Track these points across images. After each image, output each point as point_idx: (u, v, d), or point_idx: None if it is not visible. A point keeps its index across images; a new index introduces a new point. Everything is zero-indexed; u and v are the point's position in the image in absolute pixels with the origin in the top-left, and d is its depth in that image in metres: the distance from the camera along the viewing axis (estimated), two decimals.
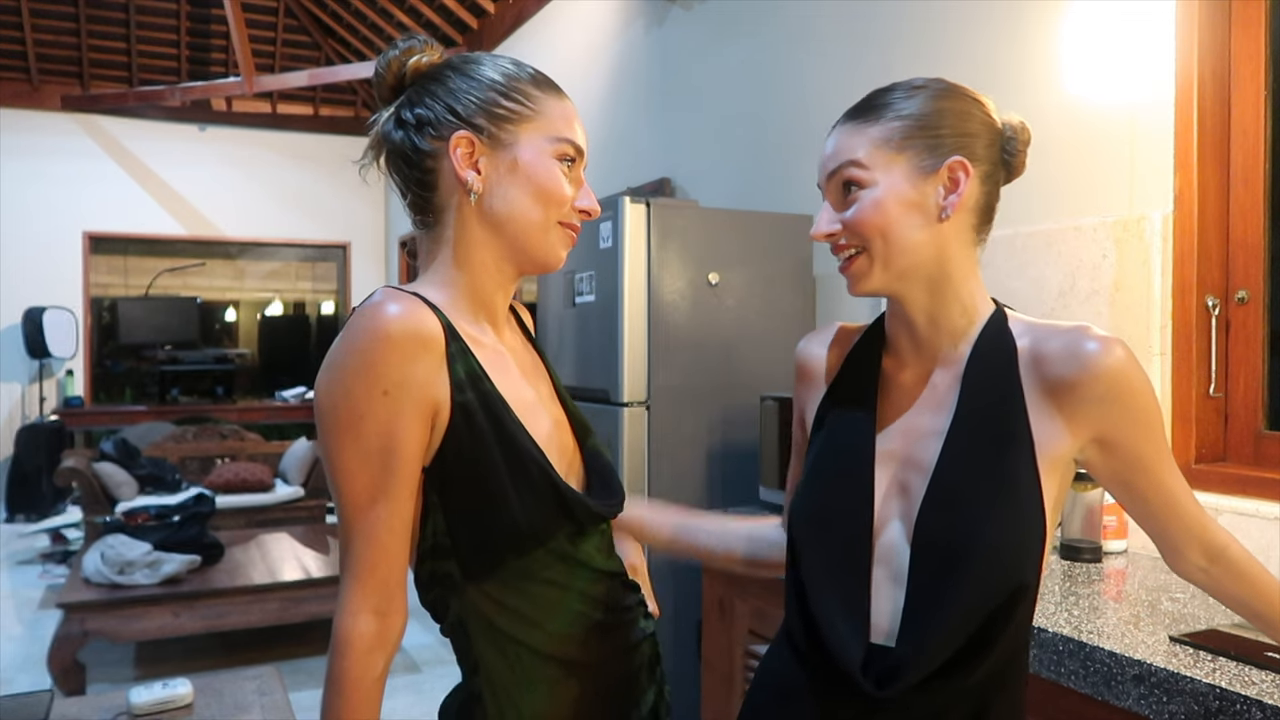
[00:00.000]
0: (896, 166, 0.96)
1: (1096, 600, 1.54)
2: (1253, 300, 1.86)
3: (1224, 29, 1.88)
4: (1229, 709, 1.13)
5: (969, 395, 0.97)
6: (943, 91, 0.99)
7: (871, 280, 0.99)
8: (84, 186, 7.54)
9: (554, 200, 1.02)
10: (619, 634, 1.07)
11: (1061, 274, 2.10)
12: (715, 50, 3.59)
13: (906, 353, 1.03)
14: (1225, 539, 1.00)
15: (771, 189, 3.20)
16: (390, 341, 0.91)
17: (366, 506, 0.93)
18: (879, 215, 0.96)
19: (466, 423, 0.95)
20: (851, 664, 0.93)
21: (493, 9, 5.84)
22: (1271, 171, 1.85)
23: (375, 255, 8.60)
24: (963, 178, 0.96)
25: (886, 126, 0.97)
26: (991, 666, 0.93)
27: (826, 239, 1.00)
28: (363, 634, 0.94)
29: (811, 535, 1.01)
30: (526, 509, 0.96)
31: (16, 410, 7.33)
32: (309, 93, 8.14)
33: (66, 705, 2.37)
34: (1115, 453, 0.95)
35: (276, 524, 5.21)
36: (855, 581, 0.97)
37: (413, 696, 3.57)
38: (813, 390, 1.11)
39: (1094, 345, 0.92)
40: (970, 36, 2.39)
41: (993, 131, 0.99)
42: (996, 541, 0.91)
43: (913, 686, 0.91)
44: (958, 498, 0.93)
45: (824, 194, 1.02)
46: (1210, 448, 1.90)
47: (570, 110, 1.05)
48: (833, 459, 1.03)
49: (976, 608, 0.91)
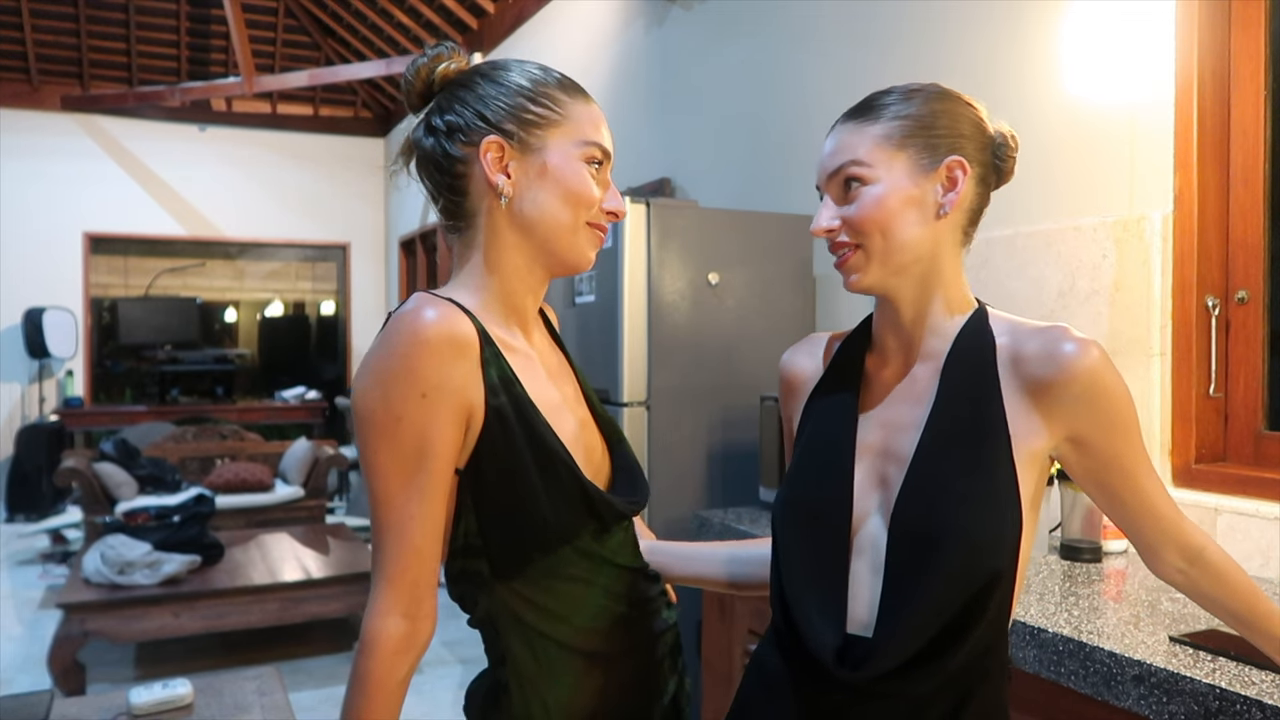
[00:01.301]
0: (897, 164, 0.98)
1: (1096, 600, 1.54)
2: (1253, 300, 1.86)
3: (1224, 29, 1.88)
4: (1229, 709, 1.13)
5: (948, 389, 0.99)
6: (939, 94, 1.02)
7: (868, 275, 1.00)
8: (84, 186, 7.54)
9: (583, 202, 1.04)
10: (642, 626, 1.09)
11: (1061, 274, 2.10)
12: (715, 50, 3.60)
13: (890, 350, 1.06)
14: (1202, 540, 1.01)
15: (771, 189, 3.20)
16: (428, 346, 0.93)
17: (400, 508, 0.94)
18: (880, 211, 0.98)
19: (500, 425, 0.97)
20: (826, 652, 0.95)
21: (493, 9, 5.84)
22: (1271, 171, 1.85)
23: (375, 255, 8.60)
24: (960, 176, 0.99)
25: (887, 125, 0.99)
26: (969, 654, 0.94)
27: (826, 234, 1.01)
28: (391, 635, 0.94)
29: (792, 528, 1.03)
30: (556, 509, 0.98)
31: (16, 410, 7.33)
32: (309, 93, 8.14)
33: (66, 705, 2.37)
34: (1089, 452, 0.97)
35: (276, 524, 5.21)
36: (833, 573, 0.99)
37: (413, 697, 3.57)
38: (796, 399, 1.13)
39: (1071, 346, 0.94)
40: (970, 36, 2.39)
41: (985, 136, 1.02)
42: (971, 530, 0.92)
43: (890, 674, 0.93)
44: (934, 488, 0.95)
45: (823, 194, 1.04)
46: (1210, 448, 1.90)
47: (597, 114, 1.07)
48: (814, 453, 1.05)
49: (951, 594, 0.92)
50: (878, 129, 0.99)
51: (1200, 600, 1.04)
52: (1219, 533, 1.77)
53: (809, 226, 1.03)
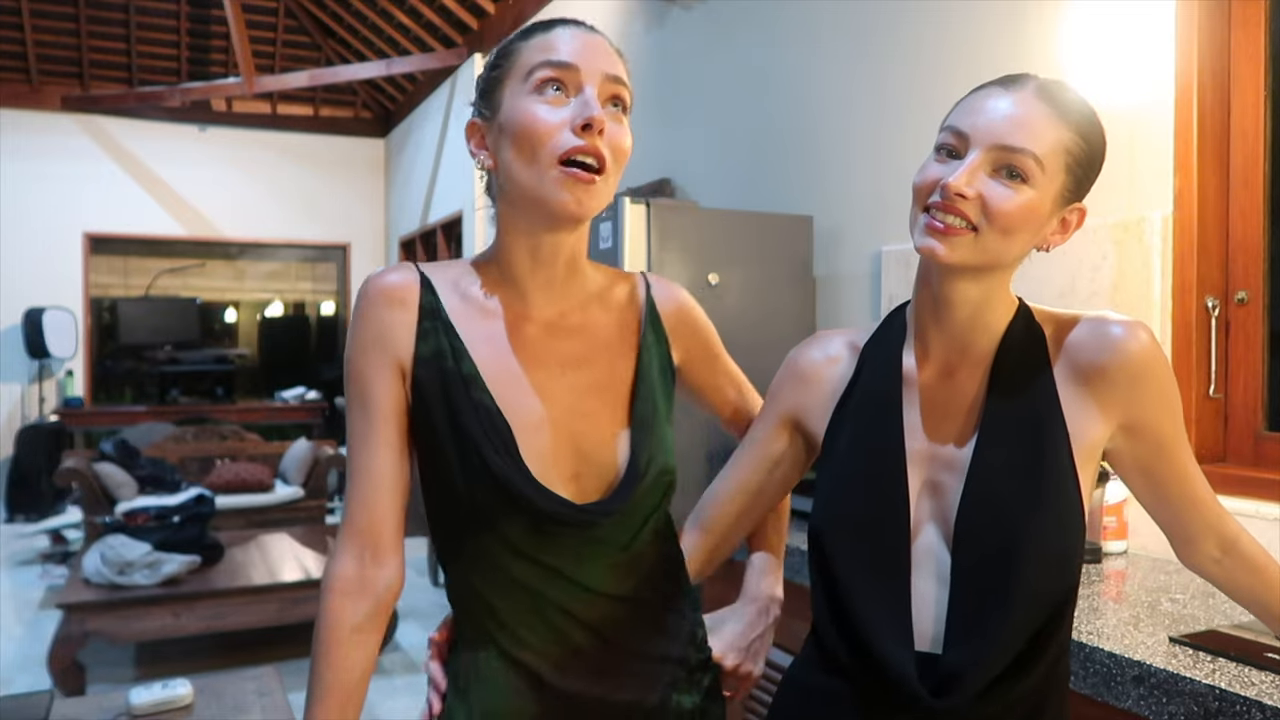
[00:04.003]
0: (1056, 182, 0.92)
1: (1096, 601, 1.54)
2: (1253, 301, 1.86)
3: (1224, 29, 1.88)
4: (1229, 710, 1.13)
5: (1000, 390, 0.96)
6: (1105, 134, 0.96)
7: (959, 256, 0.91)
8: (84, 187, 7.54)
9: (536, 139, 0.91)
10: (616, 680, 0.97)
11: (1061, 275, 2.10)
12: (715, 51, 3.59)
13: (934, 349, 1.00)
14: (1238, 530, 1.01)
15: (771, 189, 3.20)
16: (368, 300, 0.98)
17: (354, 458, 0.98)
18: (1020, 219, 0.90)
19: (420, 398, 0.97)
20: (905, 674, 0.91)
21: (493, 10, 5.84)
22: (1271, 172, 1.85)
23: (375, 255, 8.60)
24: (1074, 221, 0.96)
25: (1074, 138, 0.92)
26: (1042, 672, 0.93)
27: (954, 196, 0.89)
28: (340, 575, 0.97)
29: (845, 543, 0.98)
30: (471, 491, 0.94)
31: (16, 410, 7.32)
32: (309, 93, 8.14)
33: (66, 706, 2.37)
34: (1143, 437, 0.96)
35: (276, 524, 5.21)
36: (896, 588, 0.94)
37: (412, 697, 3.57)
38: (813, 395, 1.07)
39: (1120, 330, 0.94)
40: (970, 36, 2.39)
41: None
42: (1045, 546, 0.90)
43: (971, 695, 0.91)
44: (998, 497, 0.92)
45: (966, 142, 0.91)
46: (1210, 448, 1.90)
47: (552, 37, 0.95)
48: (860, 463, 0.99)
49: (1032, 615, 0.90)
50: (1068, 137, 0.91)
51: (1233, 591, 1.03)
52: None
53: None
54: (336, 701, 0.95)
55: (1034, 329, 0.98)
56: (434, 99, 7.11)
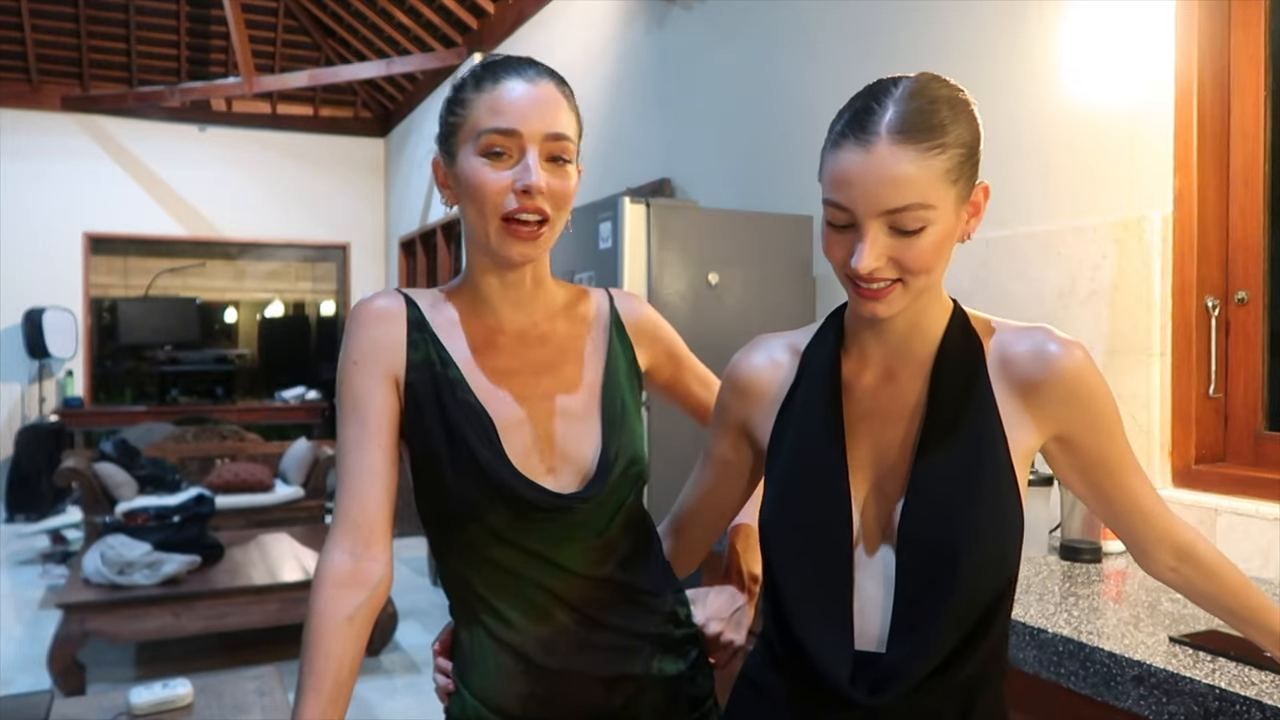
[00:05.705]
0: (950, 199, 0.90)
1: (1096, 601, 1.54)
2: (1252, 301, 1.86)
3: (1224, 29, 1.88)
4: (1228, 709, 1.13)
5: (939, 395, 0.97)
6: (971, 106, 0.93)
7: (898, 306, 0.93)
8: (84, 187, 7.54)
9: (483, 200, 1.03)
10: (599, 655, 1.05)
11: (1061, 275, 2.10)
12: (715, 51, 3.60)
13: (871, 355, 1.01)
14: (1192, 537, 1.02)
15: (771, 189, 3.20)
16: (357, 321, 1.09)
17: (344, 458, 1.05)
18: (934, 255, 0.90)
19: (414, 400, 1.06)
20: (839, 676, 0.93)
21: (493, 10, 5.84)
22: (1271, 172, 1.85)
23: (375, 255, 8.60)
24: (982, 200, 0.95)
25: (949, 158, 0.88)
26: (978, 661, 0.95)
27: (870, 276, 0.90)
28: (331, 567, 1.02)
29: (788, 548, 0.99)
30: (460, 483, 1.03)
31: (16, 410, 7.33)
32: (309, 93, 8.14)
33: (66, 705, 2.37)
34: (1076, 450, 0.98)
35: (276, 524, 5.21)
36: (838, 591, 0.96)
37: (413, 697, 3.57)
38: (755, 404, 1.07)
39: (1056, 348, 0.96)
40: (970, 36, 2.39)
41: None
42: (985, 542, 0.92)
43: (906, 691, 0.92)
44: (940, 498, 0.94)
45: (852, 215, 0.90)
46: (1210, 448, 1.90)
47: (500, 96, 1.03)
48: (802, 469, 1.00)
49: (969, 609, 0.92)
50: (941, 163, 0.88)
51: (1194, 597, 1.04)
52: (1219, 533, 1.77)
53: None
54: (328, 691, 0.99)
55: (971, 337, 0.99)
56: (434, 99, 7.10)
